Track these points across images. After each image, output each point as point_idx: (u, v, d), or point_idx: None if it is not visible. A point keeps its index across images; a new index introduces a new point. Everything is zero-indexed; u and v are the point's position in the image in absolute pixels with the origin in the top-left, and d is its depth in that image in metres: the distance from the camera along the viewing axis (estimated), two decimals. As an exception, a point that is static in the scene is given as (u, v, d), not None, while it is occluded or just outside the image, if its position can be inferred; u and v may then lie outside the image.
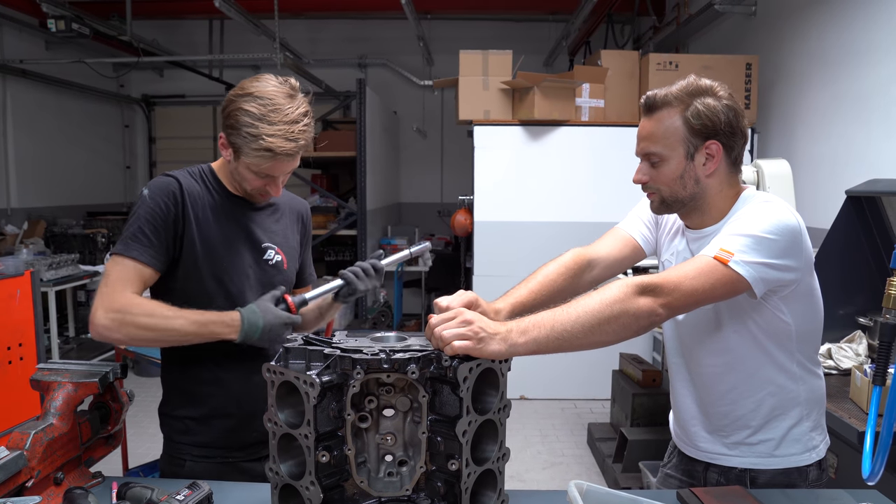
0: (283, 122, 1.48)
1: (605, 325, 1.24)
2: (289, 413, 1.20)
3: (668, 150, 1.43)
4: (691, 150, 1.42)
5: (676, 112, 1.41)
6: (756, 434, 1.50)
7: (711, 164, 1.42)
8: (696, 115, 1.39)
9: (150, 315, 1.48)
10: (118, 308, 1.46)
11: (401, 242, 7.13)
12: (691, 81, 1.43)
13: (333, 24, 8.08)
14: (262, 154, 1.49)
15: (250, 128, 1.48)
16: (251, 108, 1.48)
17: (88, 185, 7.87)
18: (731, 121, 1.41)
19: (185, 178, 1.62)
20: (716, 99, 1.41)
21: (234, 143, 1.52)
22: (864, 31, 3.65)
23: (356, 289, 1.66)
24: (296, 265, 1.81)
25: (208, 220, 1.61)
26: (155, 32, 7.45)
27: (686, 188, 1.45)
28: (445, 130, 8.40)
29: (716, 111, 1.39)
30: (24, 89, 6.70)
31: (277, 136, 1.48)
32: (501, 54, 4.94)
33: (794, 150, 4.40)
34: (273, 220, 1.76)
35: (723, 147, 1.42)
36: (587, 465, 4.07)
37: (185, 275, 1.60)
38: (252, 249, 1.68)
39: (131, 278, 1.50)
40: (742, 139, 1.45)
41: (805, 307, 1.45)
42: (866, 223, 2.82)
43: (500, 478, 1.24)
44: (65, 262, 5.36)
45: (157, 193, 1.55)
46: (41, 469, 1.27)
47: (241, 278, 1.65)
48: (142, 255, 1.51)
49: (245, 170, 1.56)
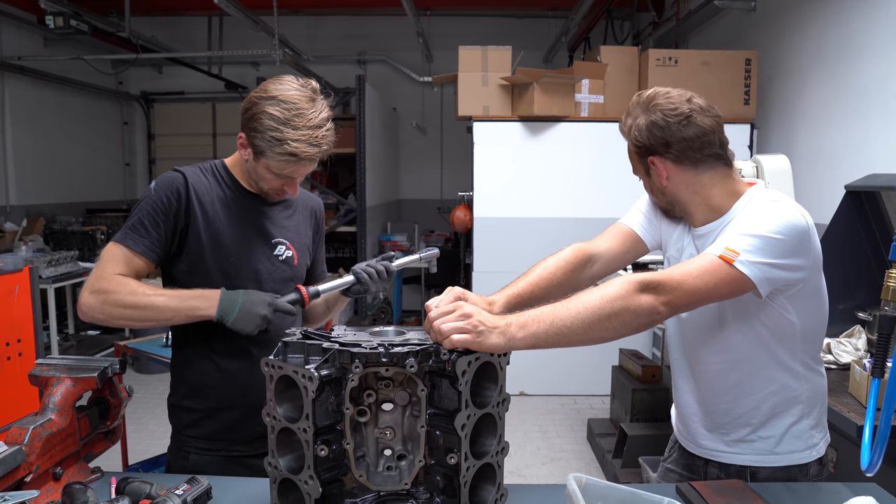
0: (307, 126, 1.50)
1: (606, 322, 1.24)
2: (287, 407, 1.20)
3: (639, 173, 1.56)
4: (645, 169, 1.52)
5: (629, 140, 1.52)
6: (756, 431, 1.50)
7: (658, 176, 1.49)
8: (633, 139, 1.50)
9: (132, 293, 1.50)
10: (103, 288, 1.50)
11: (400, 239, 7.13)
12: (632, 102, 1.51)
13: (332, 20, 8.07)
14: (285, 158, 1.51)
15: (274, 132, 1.49)
16: (275, 112, 1.49)
17: (88, 182, 7.87)
18: (657, 133, 1.43)
19: (194, 173, 1.64)
20: (646, 115, 1.45)
21: (256, 145, 1.54)
22: (863, 26, 3.64)
23: (368, 288, 1.69)
24: (307, 261, 1.82)
25: (217, 214, 1.63)
26: (154, 29, 7.44)
27: (662, 198, 1.55)
28: (445, 127, 8.40)
29: (641, 130, 1.46)
30: (23, 86, 6.70)
31: (301, 142, 1.50)
32: (501, 50, 4.93)
33: (794, 145, 4.39)
34: (285, 215, 1.77)
35: (664, 157, 1.45)
36: (587, 460, 4.07)
37: (190, 268, 1.62)
38: (262, 244, 1.69)
39: (121, 265, 1.53)
40: (686, 142, 1.42)
41: (811, 306, 1.44)
42: (865, 218, 2.82)
43: (499, 472, 1.24)
44: (64, 258, 5.36)
45: (161, 187, 1.59)
46: (40, 464, 1.27)
47: (249, 273, 1.66)
48: (136, 245, 1.55)
49: (265, 170, 1.58)
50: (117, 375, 1.47)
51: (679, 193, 1.49)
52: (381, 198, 7.04)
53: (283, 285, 1.70)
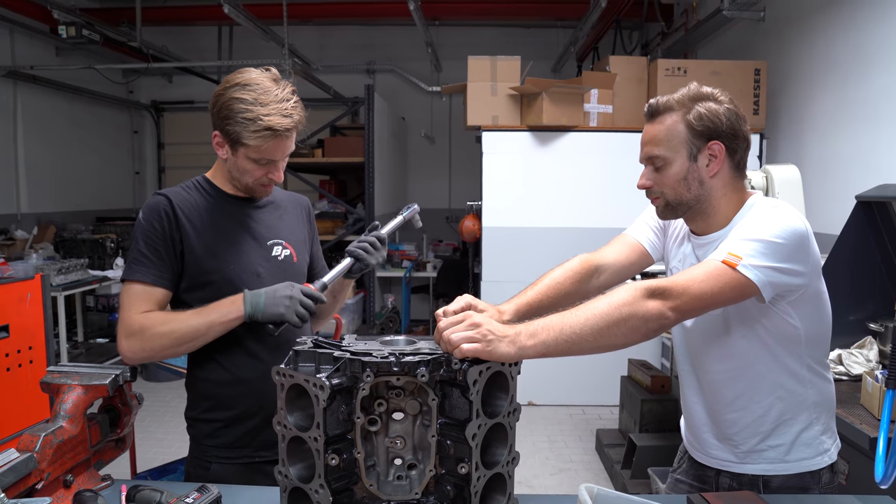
0: (275, 101, 1.55)
1: (614, 328, 1.24)
2: (298, 416, 1.20)
3: (671, 153, 1.44)
4: (694, 152, 1.43)
5: (679, 116, 1.43)
6: (766, 440, 1.49)
7: (714, 164, 1.43)
8: (698, 117, 1.41)
9: (164, 323, 1.54)
10: (135, 330, 1.53)
11: (409, 248, 7.13)
12: (693, 87, 1.46)
13: (342, 30, 8.12)
14: (262, 135, 1.54)
15: (246, 113, 1.53)
16: (243, 95, 1.54)
17: (98, 190, 7.92)
18: (733, 123, 1.42)
19: (177, 193, 1.66)
20: (717, 103, 1.43)
21: (231, 134, 1.56)
22: (873, 35, 3.64)
23: (368, 263, 1.71)
24: (306, 258, 1.83)
25: (206, 226, 1.64)
26: (164, 39, 7.50)
27: (690, 190, 1.45)
28: (453, 136, 8.41)
29: (717, 113, 1.41)
30: (35, 95, 6.76)
31: (274, 115, 1.53)
32: (510, 60, 4.95)
33: (804, 155, 4.38)
34: (276, 216, 1.77)
35: (725, 149, 1.43)
36: (595, 471, 4.05)
37: (192, 285, 1.62)
38: (258, 247, 1.70)
39: (142, 300, 1.56)
40: (744, 143, 1.45)
41: (813, 311, 1.44)
42: (877, 228, 2.80)
43: (509, 482, 1.24)
44: (74, 266, 5.39)
45: (148, 215, 1.61)
46: (51, 471, 1.28)
47: (251, 277, 1.66)
48: (145, 277, 1.57)
49: (245, 160, 1.60)
50: (128, 383, 1.48)
51: (714, 190, 1.45)
52: (389, 207, 7.06)
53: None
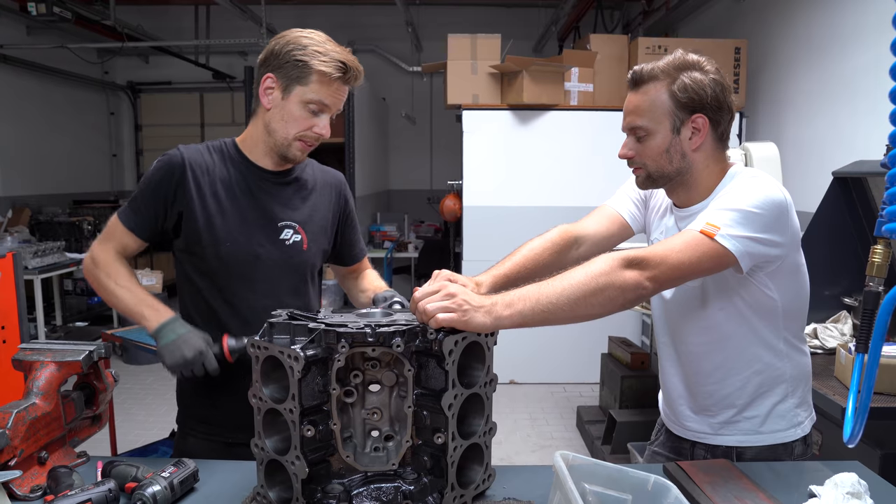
0: (335, 51, 1.53)
1: (591, 298, 1.23)
2: (273, 388, 1.19)
3: (654, 124, 1.42)
4: (677, 124, 1.41)
5: (663, 86, 1.41)
6: (742, 412, 1.51)
7: (698, 137, 1.42)
8: (683, 88, 1.39)
9: (109, 276, 1.57)
10: (94, 258, 1.59)
11: (390, 229, 7.11)
12: (678, 56, 1.43)
13: (321, 9, 8.02)
14: (332, 65, 1.49)
15: (317, 46, 1.50)
16: (304, 43, 1.51)
17: (74, 173, 7.80)
18: (718, 95, 1.40)
19: (197, 151, 1.59)
20: (703, 73, 1.40)
21: (287, 74, 1.50)
22: (851, 15, 3.66)
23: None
24: (323, 245, 1.71)
25: (217, 195, 1.56)
26: (139, 17, 7.36)
27: (672, 163, 1.44)
28: (434, 117, 8.38)
29: (702, 85, 1.39)
30: (5, 76, 6.61)
31: (337, 59, 1.51)
32: (490, 38, 4.91)
33: (782, 133, 4.41)
34: (300, 196, 1.66)
35: (709, 121, 1.41)
36: (576, 447, 4.09)
37: (187, 248, 1.58)
38: (266, 228, 1.60)
39: (114, 236, 1.59)
40: (729, 115, 1.44)
41: (791, 283, 1.45)
42: (852, 204, 2.84)
43: (486, 452, 1.24)
44: (50, 249, 5.31)
45: (157, 166, 1.58)
46: (24, 448, 1.26)
47: (247, 258, 1.58)
48: (127, 221, 1.58)
49: (296, 104, 1.51)
50: (103, 360, 1.46)
51: (696, 162, 1.44)
52: (370, 188, 7.02)
53: (288, 273, 1.63)
